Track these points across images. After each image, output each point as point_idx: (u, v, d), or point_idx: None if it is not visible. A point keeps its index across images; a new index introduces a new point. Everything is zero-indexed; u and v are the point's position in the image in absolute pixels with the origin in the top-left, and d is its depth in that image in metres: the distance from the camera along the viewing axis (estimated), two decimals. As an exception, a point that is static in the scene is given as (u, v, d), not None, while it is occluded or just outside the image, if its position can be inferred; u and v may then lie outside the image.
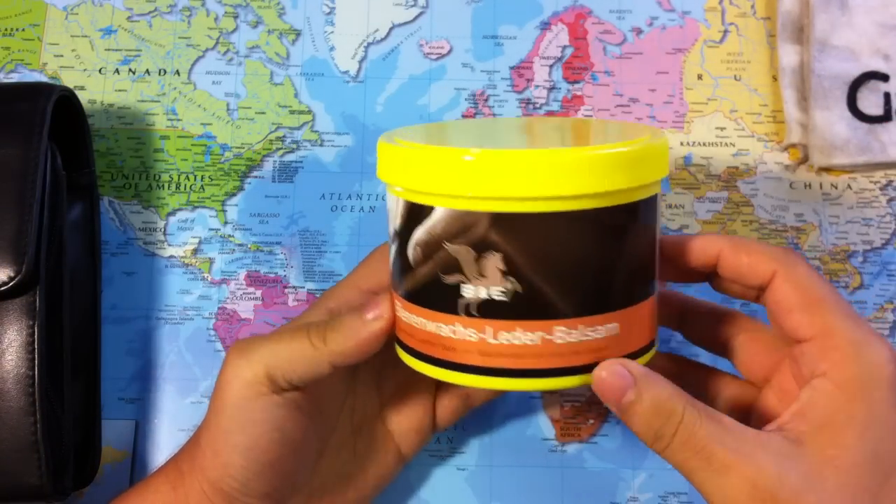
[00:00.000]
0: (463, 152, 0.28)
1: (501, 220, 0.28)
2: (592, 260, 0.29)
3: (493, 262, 0.28)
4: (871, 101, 0.46)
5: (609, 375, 0.29)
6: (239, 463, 0.33)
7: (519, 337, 0.29)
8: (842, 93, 0.46)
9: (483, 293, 0.29)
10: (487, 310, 0.29)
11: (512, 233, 0.28)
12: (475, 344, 0.29)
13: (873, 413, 0.28)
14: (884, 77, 0.46)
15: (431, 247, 0.29)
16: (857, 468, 0.27)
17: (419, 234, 0.30)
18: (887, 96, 0.46)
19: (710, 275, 0.34)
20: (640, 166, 0.29)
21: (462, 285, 0.29)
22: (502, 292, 0.29)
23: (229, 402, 0.33)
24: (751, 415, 0.34)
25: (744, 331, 0.35)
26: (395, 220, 0.31)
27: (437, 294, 0.30)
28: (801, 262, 0.31)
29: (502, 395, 0.44)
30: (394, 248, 0.32)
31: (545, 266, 0.28)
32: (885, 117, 0.46)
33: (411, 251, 0.30)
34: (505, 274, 0.28)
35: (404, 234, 0.31)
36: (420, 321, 0.31)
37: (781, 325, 0.31)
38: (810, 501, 0.27)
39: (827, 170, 0.47)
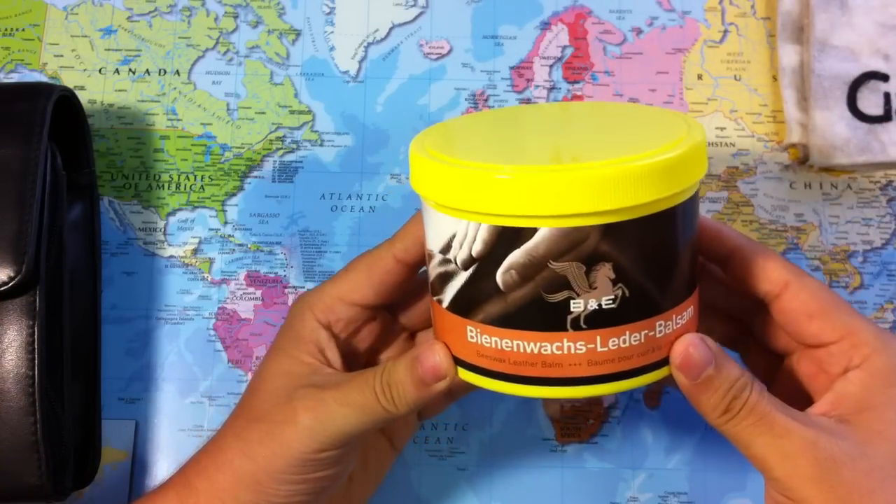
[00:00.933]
0: (566, 169, 0.27)
1: (611, 231, 0.28)
2: (681, 250, 0.30)
3: (604, 272, 0.28)
4: (871, 101, 0.46)
5: (695, 351, 0.30)
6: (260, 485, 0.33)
7: (626, 339, 0.29)
8: (842, 93, 0.46)
9: (593, 304, 0.29)
10: (596, 320, 0.29)
11: (622, 241, 0.28)
12: (583, 356, 0.29)
13: None
14: (884, 77, 0.46)
15: (533, 268, 0.28)
16: None
17: (516, 257, 0.28)
18: (887, 96, 0.46)
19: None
20: (704, 155, 0.30)
21: (570, 301, 0.29)
22: (611, 300, 0.29)
23: (288, 456, 0.33)
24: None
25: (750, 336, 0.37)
26: (466, 248, 0.30)
27: (540, 314, 0.29)
28: (806, 273, 0.33)
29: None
30: (464, 277, 0.30)
31: (650, 266, 0.29)
32: (886, 117, 0.46)
33: (503, 276, 0.29)
34: (615, 282, 0.28)
35: (490, 260, 0.29)
36: (516, 344, 0.30)
37: (800, 330, 0.33)
38: (863, 466, 0.30)
39: (827, 170, 0.47)
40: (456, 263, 0.30)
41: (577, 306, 0.29)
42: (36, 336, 0.37)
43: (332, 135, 0.48)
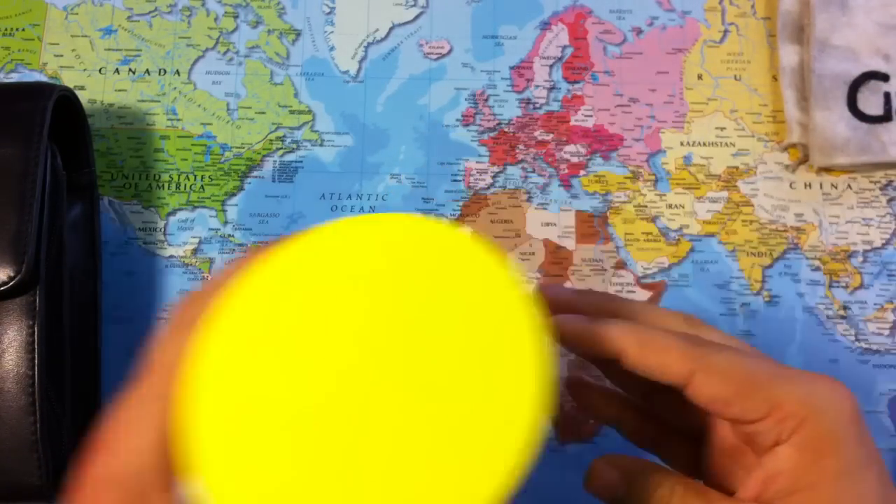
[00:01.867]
0: None
1: None
2: None
3: None
4: (871, 102, 0.46)
5: (601, 472, 0.30)
6: None
7: None
8: (842, 93, 0.46)
9: None
10: None
11: None
12: None
13: (845, 461, 0.27)
14: (884, 77, 0.46)
15: None
16: None
17: None
18: (887, 96, 0.46)
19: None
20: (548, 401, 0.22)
21: None
22: None
23: None
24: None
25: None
26: None
27: None
28: (712, 348, 0.29)
29: None
30: None
31: None
32: (886, 117, 0.46)
33: None
34: None
35: None
36: None
37: (722, 416, 0.29)
38: None
39: (827, 170, 0.47)
40: None
41: None
42: (36, 336, 0.37)
43: (332, 135, 0.48)
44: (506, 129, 0.48)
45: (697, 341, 0.29)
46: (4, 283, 0.36)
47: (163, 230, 0.46)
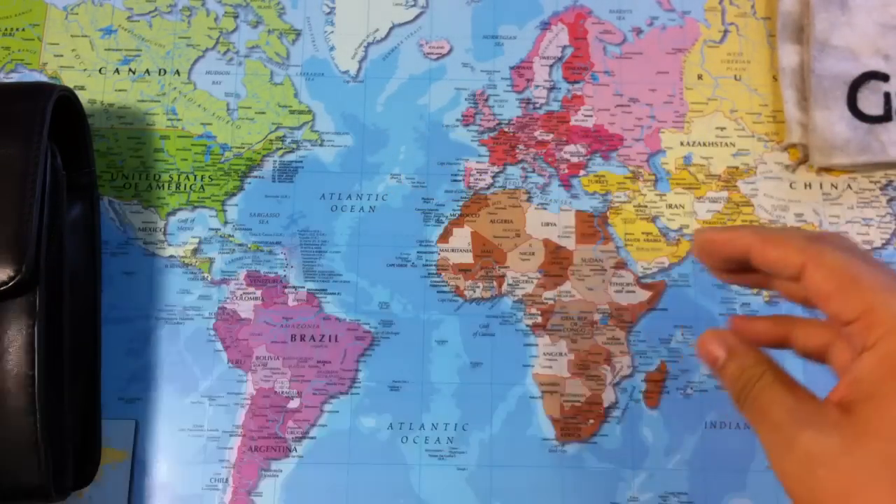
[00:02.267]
0: None
1: None
2: None
3: None
4: (871, 101, 0.46)
5: (708, 342, 0.32)
6: None
7: None
8: (842, 93, 0.46)
9: None
10: None
11: None
12: None
13: None
14: (884, 77, 0.46)
15: None
16: None
17: None
18: (887, 96, 0.46)
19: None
20: None
21: None
22: None
23: None
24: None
25: (798, 323, 0.36)
26: None
27: None
28: (828, 245, 0.31)
29: (502, 394, 0.44)
30: None
31: None
32: (886, 117, 0.46)
33: None
34: None
35: None
36: None
37: (825, 312, 0.31)
38: (844, 467, 0.28)
39: (827, 170, 0.47)
40: None
41: None
42: (36, 336, 0.37)
43: (332, 135, 0.48)
44: (506, 129, 0.48)
45: (814, 238, 0.31)
46: (4, 284, 0.36)
47: (163, 230, 0.46)
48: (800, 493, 0.29)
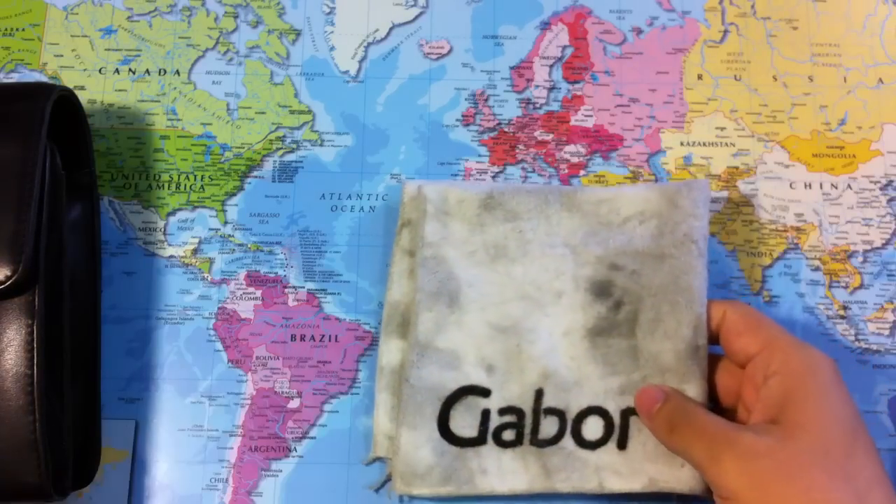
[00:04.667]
0: None
1: None
2: None
3: None
4: (465, 421, 0.41)
5: (648, 390, 0.39)
6: None
7: None
8: (433, 410, 0.41)
9: None
10: None
11: None
12: None
13: (823, 387, 0.35)
14: (484, 392, 0.41)
15: None
16: (825, 430, 0.34)
17: None
18: (486, 414, 0.41)
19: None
20: None
21: None
22: None
23: None
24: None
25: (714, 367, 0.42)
26: None
27: None
28: (740, 301, 0.41)
29: None
30: None
31: None
32: (480, 440, 0.41)
33: None
34: None
35: None
36: None
37: (732, 348, 0.39)
38: (783, 456, 0.33)
39: (826, 171, 0.47)
40: None
41: None
42: (35, 335, 0.37)
43: (332, 135, 0.48)
44: (506, 129, 0.48)
45: (731, 299, 0.42)
46: (1, 283, 0.36)
47: (163, 230, 0.46)
48: (740, 485, 0.33)
